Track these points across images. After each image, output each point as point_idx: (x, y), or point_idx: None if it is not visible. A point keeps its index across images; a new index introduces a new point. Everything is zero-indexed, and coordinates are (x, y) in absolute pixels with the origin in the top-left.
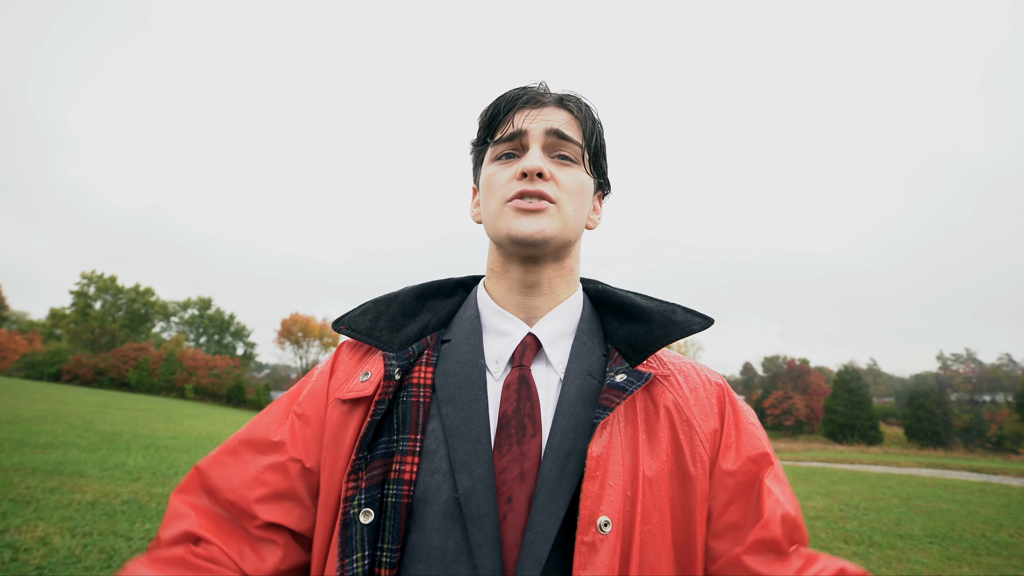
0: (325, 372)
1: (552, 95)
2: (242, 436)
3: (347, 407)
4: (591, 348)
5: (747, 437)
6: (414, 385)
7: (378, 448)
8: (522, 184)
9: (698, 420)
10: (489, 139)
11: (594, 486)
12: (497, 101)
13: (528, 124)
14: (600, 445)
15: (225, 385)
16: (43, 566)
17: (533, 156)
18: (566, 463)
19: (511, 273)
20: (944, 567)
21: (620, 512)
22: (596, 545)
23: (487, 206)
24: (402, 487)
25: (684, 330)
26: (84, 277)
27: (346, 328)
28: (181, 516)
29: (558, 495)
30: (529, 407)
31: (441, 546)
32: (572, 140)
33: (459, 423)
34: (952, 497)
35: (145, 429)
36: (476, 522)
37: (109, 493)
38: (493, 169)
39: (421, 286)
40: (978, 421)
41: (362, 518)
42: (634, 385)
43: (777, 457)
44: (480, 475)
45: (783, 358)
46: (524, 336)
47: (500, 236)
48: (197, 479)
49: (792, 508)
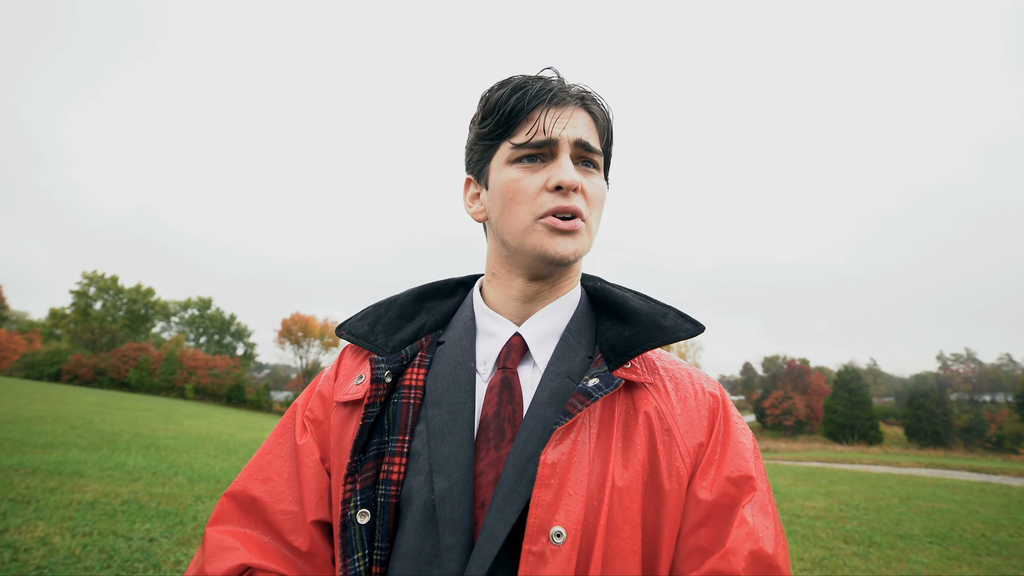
0: (331, 376)
1: (573, 92)
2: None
3: (347, 410)
4: (576, 349)
5: (732, 456)
6: (405, 387)
7: (370, 449)
8: (556, 199)
9: (681, 431)
10: (508, 138)
11: (547, 494)
12: (518, 94)
13: (558, 130)
14: (558, 452)
15: (225, 385)
16: (43, 566)
17: (568, 168)
18: (526, 468)
19: (515, 283)
20: (944, 567)
21: (579, 523)
22: (546, 556)
23: (510, 216)
24: (390, 487)
25: (670, 335)
26: (85, 277)
27: (347, 333)
28: (227, 549)
29: (512, 500)
30: (510, 411)
31: (418, 547)
32: (597, 150)
33: (442, 425)
34: (952, 497)
35: (145, 429)
36: (448, 525)
37: (109, 493)
38: (516, 174)
39: (420, 288)
40: (978, 421)
41: (359, 518)
42: (601, 391)
43: (767, 485)
44: (457, 478)
45: (783, 358)
46: (510, 337)
47: (529, 253)
48: (232, 505)
49: (769, 545)
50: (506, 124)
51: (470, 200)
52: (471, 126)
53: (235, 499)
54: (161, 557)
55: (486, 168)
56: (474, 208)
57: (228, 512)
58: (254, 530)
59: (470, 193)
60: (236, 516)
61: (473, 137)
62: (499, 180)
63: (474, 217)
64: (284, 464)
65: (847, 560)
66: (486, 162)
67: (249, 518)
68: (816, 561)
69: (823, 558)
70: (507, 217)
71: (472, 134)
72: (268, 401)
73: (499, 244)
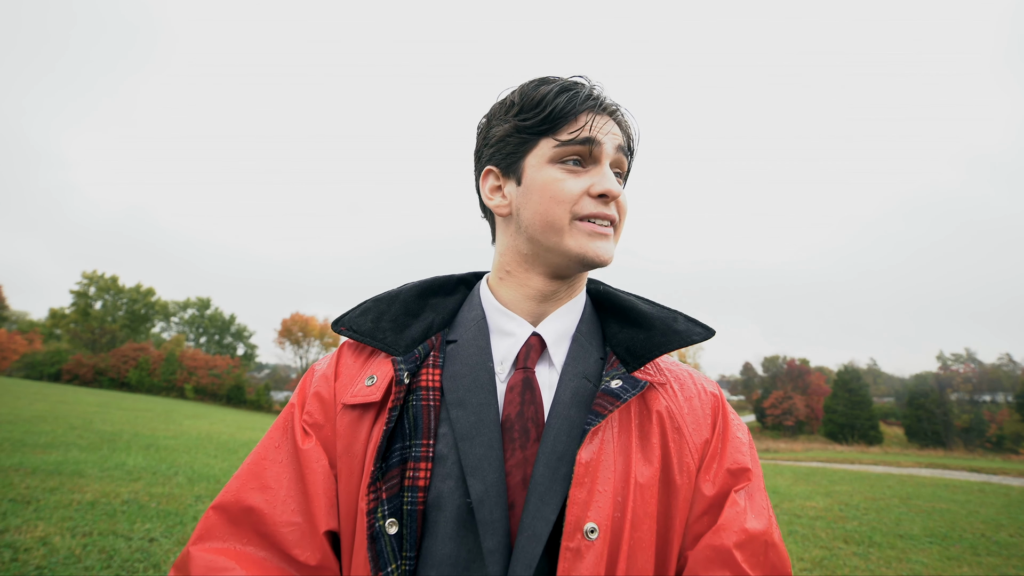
0: (329, 376)
1: (608, 102)
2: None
3: (356, 413)
4: (589, 350)
5: (731, 450)
6: (423, 388)
7: (393, 456)
8: (598, 206)
9: (690, 429)
10: (552, 134)
11: (582, 492)
12: (567, 94)
13: (602, 136)
14: (590, 451)
15: (225, 385)
16: (43, 566)
17: (612, 178)
18: (558, 467)
19: (532, 282)
20: (944, 567)
21: (608, 518)
22: (582, 551)
23: (547, 214)
24: (417, 494)
25: (685, 339)
26: (85, 277)
27: (347, 329)
28: (222, 570)
29: (549, 499)
30: (532, 411)
31: (454, 553)
32: (628, 160)
33: (470, 427)
34: (952, 497)
35: (145, 429)
36: (489, 528)
37: (109, 493)
38: (558, 175)
39: (423, 283)
40: (978, 421)
41: (389, 529)
42: (629, 393)
43: (760, 475)
44: (492, 480)
45: (783, 358)
46: (529, 337)
47: (564, 253)
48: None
49: (760, 524)
50: (552, 121)
51: (490, 192)
52: (498, 118)
53: (225, 511)
54: (161, 557)
55: (520, 163)
56: (495, 201)
57: (216, 527)
58: (247, 545)
59: (490, 185)
60: (226, 531)
61: (509, 128)
62: (539, 178)
63: (495, 210)
64: (283, 471)
65: (847, 560)
66: (520, 156)
67: (242, 532)
68: (816, 561)
69: (823, 558)
70: (544, 215)
71: (506, 126)
72: (268, 401)
73: (522, 241)
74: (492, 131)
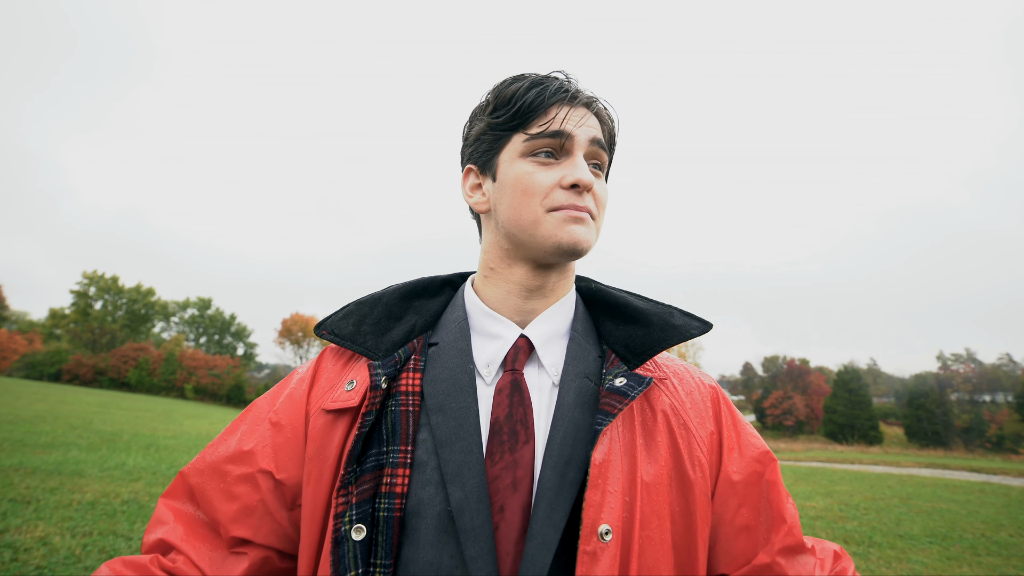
0: (306, 379)
1: (584, 94)
2: (219, 441)
3: (331, 417)
4: (587, 349)
5: (747, 437)
6: (402, 393)
7: (367, 461)
8: (571, 197)
9: (695, 424)
10: (522, 129)
11: (596, 494)
12: (537, 88)
13: (573, 127)
14: (602, 452)
15: (225, 385)
16: (43, 566)
17: (583, 168)
18: (566, 471)
19: (515, 276)
20: (944, 567)
21: (620, 519)
22: (597, 554)
23: (520, 209)
24: (394, 500)
25: (683, 334)
26: (85, 277)
27: (329, 333)
28: (160, 523)
29: (559, 504)
30: (522, 413)
31: (435, 560)
32: (607, 152)
33: (449, 432)
34: (952, 497)
35: (145, 429)
36: (470, 535)
37: (109, 493)
38: (530, 168)
39: (406, 285)
40: (978, 421)
41: (354, 534)
42: (635, 390)
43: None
44: (472, 486)
45: (783, 358)
46: (516, 339)
47: (540, 244)
48: (182, 484)
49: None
50: (522, 116)
51: (470, 190)
52: (476, 117)
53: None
54: None
55: (494, 160)
56: (475, 199)
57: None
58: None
59: (470, 183)
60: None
61: (483, 127)
62: (511, 173)
63: (475, 208)
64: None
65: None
66: (495, 153)
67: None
68: None
69: None
70: (517, 209)
71: (481, 124)
72: None
73: (501, 236)
74: (471, 131)
